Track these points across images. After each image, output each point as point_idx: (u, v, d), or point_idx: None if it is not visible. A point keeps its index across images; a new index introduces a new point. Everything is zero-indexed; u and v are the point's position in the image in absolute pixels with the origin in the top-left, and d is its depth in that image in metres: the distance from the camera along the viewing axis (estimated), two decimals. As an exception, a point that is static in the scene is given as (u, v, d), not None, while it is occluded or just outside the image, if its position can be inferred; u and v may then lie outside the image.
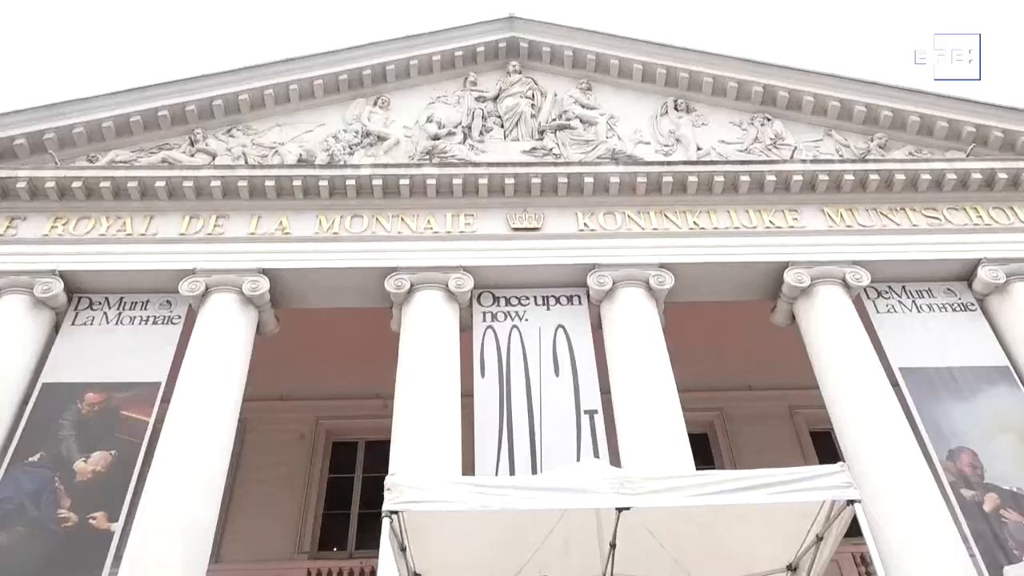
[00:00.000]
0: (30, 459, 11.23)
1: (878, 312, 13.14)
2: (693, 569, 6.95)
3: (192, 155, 14.39)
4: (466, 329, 12.90)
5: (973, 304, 13.28)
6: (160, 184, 13.55)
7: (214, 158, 14.31)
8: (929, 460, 11.16)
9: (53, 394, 11.94)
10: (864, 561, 13.98)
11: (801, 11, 44.61)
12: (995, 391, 12.05)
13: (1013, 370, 12.34)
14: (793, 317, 13.39)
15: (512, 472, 10.81)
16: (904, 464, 10.91)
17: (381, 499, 6.00)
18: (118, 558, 10.30)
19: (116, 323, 12.83)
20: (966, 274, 13.48)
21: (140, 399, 11.85)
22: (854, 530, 6.66)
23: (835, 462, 6.22)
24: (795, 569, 6.80)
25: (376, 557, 10.04)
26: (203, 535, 10.50)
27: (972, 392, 12.03)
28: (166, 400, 11.80)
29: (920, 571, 9.94)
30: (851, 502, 5.81)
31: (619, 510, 5.92)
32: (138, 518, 10.46)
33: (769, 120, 15.30)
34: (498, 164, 13.97)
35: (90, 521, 10.61)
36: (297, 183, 13.64)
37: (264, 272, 12.95)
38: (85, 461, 11.19)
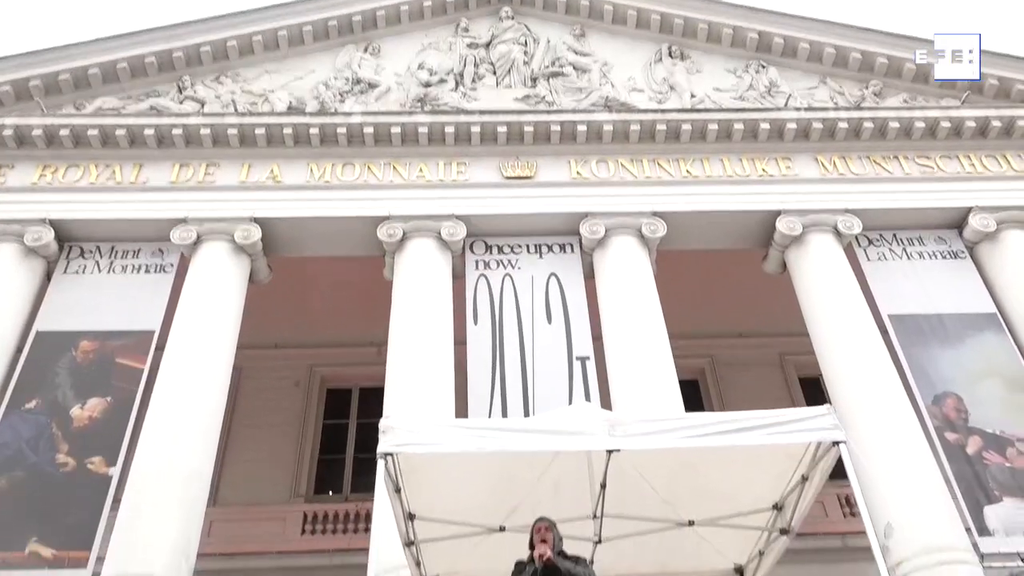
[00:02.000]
0: (26, 406, 11.33)
1: (869, 260, 13.22)
2: (681, 508, 7.11)
3: (180, 102, 14.23)
4: (459, 277, 12.94)
5: (963, 252, 13.37)
6: (149, 132, 13.42)
7: (203, 106, 14.15)
8: (915, 405, 11.37)
9: (47, 342, 11.99)
10: (848, 502, 14.30)
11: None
12: (982, 337, 12.22)
13: (1000, 317, 12.50)
14: (784, 265, 13.47)
15: (505, 417, 10.95)
16: (890, 408, 11.10)
17: (375, 444, 6.09)
18: (117, 501, 10.47)
19: (108, 272, 12.83)
20: (957, 222, 13.55)
21: (134, 347, 11.92)
22: (839, 472, 6.81)
23: (822, 407, 6.34)
24: (781, 508, 6.96)
25: (371, 500, 10.18)
26: (201, 479, 10.67)
27: (959, 338, 12.19)
28: (160, 348, 11.86)
29: (903, 512, 10.19)
30: (836, 443, 5.92)
31: (609, 452, 6.02)
32: (136, 463, 10.61)
33: (764, 67, 15.18)
34: (490, 112, 13.85)
35: (88, 466, 10.76)
36: (288, 131, 13.52)
37: (256, 220, 12.92)
38: (81, 407, 11.30)
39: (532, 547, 5.90)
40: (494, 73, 15.07)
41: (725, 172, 13.72)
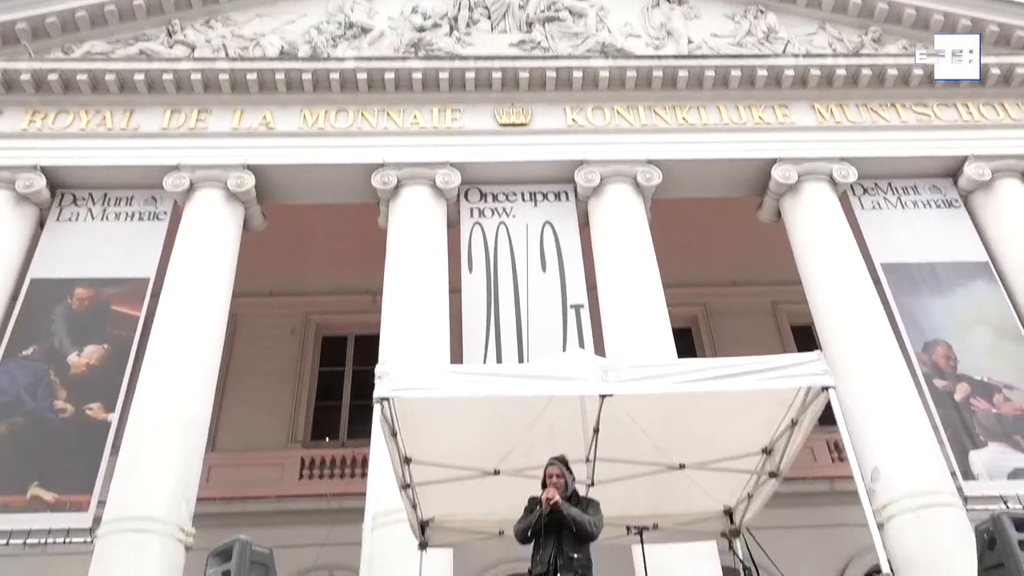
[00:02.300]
0: (23, 353, 11.39)
1: (863, 209, 13.23)
2: (672, 452, 7.22)
3: (170, 47, 14.00)
4: (453, 225, 12.94)
5: (957, 201, 13.38)
6: (139, 77, 13.23)
7: (193, 50, 13.94)
8: (905, 352, 11.50)
9: (42, 290, 12.00)
10: (837, 448, 14.56)
11: None
12: (973, 286, 12.31)
13: (992, 265, 12.58)
14: (779, 214, 13.48)
15: (499, 364, 11.03)
16: (880, 355, 11.23)
17: (371, 392, 6.15)
18: (116, 447, 10.60)
19: (101, 219, 12.78)
20: (952, 171, 13.53)
21: (130, 294, 11.94)
22: (828, 418, 6.92)
23: (814, 355, 6.41)
24: (770, 452, 7.09)
25: (367, 446, 10.31)
26: (198, 425, 10.79)
27: (951, 287, 12.29)
28: (155, 295, 11.88)
29: (890, 456, 10.38)
30: (825, 388, 6.01)
31: (602, 397, 6.10)
32: (134, 409, 10.71)
33: (763, 12, 14.97)
34: (485, 58, 13.67)
35: (87, 412, 10.87)
36: (280, 76, 13.35)
37: (249, 168, 12.83)
38: (78, 354, 11.36)
39: (545, 486, 5.95)
40: (489, 18, 14.83)
41: (721, 120, 13.63)
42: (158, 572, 9.46)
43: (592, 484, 7.29)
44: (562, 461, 6.01)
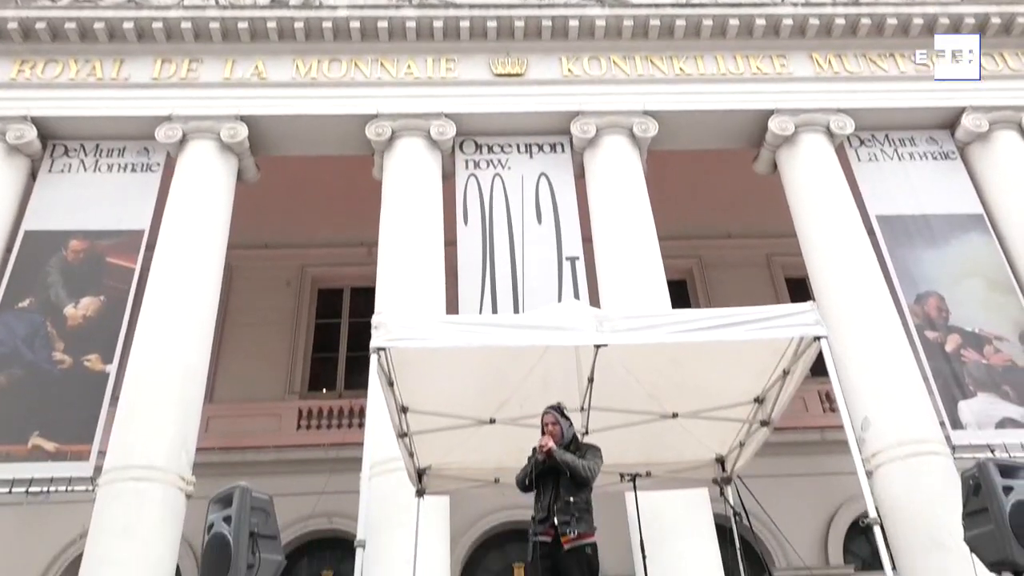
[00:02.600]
0: (19, 305, 11.41)
1: (860, 161, 13.19)
2: (666, 401, 7.34)
3: (160, -6, 13.75)
4: (448, 177, 12.88)
5: (954, 153, 13.34)
6: (128, 26, 13.01)
7: (183, -3, 13.69)
8: (897, 304, 11.58)
9: (36, 242, 11.97)
10: (828, 398, 14.75)
11: None
12: (967, 238, 12.35)
13: (986, 218, 12.60)
14: (775, 165, 13.43)
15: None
16: (872, 307, 11.30)
17: (367, 343, 6.20)
18: (115, 398, 10.69)
19: (94, 170, 12.68)
20: (949, 122, 13.46)
21: (124, 246, 11.92)
22: (820, 370, 7.01)
23: (807, 306, 6.45)
24: (762, 401, 7.20)
25: (363, 397, 10.42)
26: (196, 376, 10.86)
27: (945, 239, 12.33)
28: (150, 247, 11.87)
29: (880, 406, 10.52)
30: (817, 338, 6.08)
31: (597, 347, 6.17)
32: (132, 361, 10.77)
33: (762, -40, 14.70)
34: (480, 5, 13.44)
35: (85, 363, 10.93)
36: (271, 24, 13.14)
37: (242, 119, 12.71)
38: (75, 306, 11.38)
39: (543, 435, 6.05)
40: (484, -36, 14.55)
41: (719, 70, 13.49)
42: (160, 519, 9.62)
43: (586, 433, 7.41)
44: (557, 409, 6.09)
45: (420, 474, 7.90)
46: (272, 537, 5.26)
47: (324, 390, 16.19)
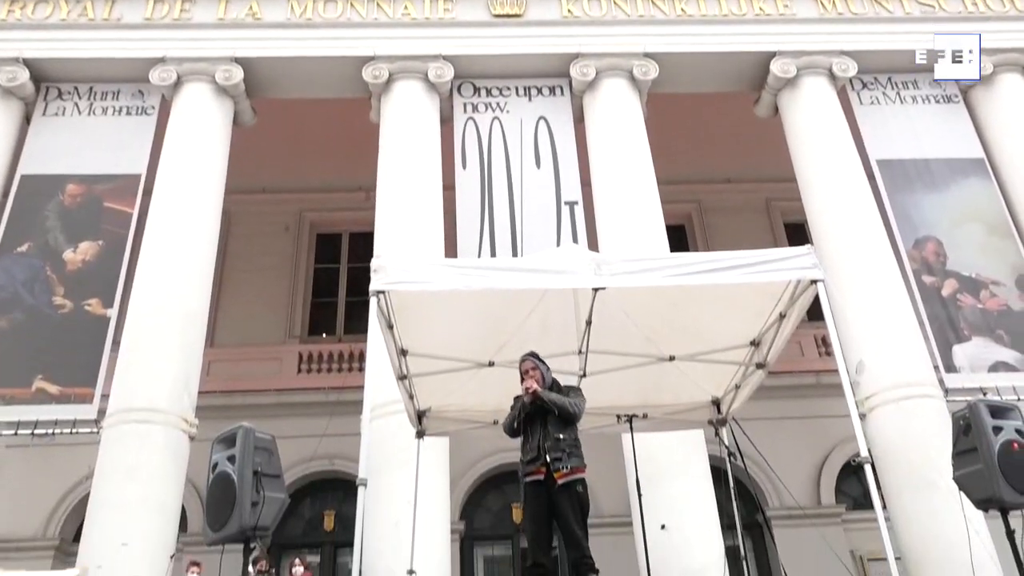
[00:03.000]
0: (18, 249, 11.42)
1: (862, 104, 13.07)
2: (663, 345, 7.39)
3: (150, -69, 13.43)
4: (447, 121, 12.76)
5: (956, 96, 13.21)
6: (119, -37, 12.76)
7: (174, -66, 13.38)
8: (895, 248, 11.60)
9: (33, 186, 11.92)
10: (824, 342, 14.88)
11: None
12: (967, 183, 12.32)
13: (987, 162, 12.54)
14: (776, 109, 13.31)
15: (493, 260, 11.11)
16: (870, 251, 11.32)
17: (366, 288, 6.21)
18: (116, 342, 10.77)
19: (88, 114, 12.56)
20: (953, 65, 13.28)
21: (121, 191, 11.87)
22: (817, 315, 7.05)
23: (804, 251, 6.46)
24: (758, 344, 7.26)
25: (363, 341, 10.49)
26: (197, 320, 10.92)
27: (945, 183, 12.29)
28: (147, 192, 11.82)
29: (875, 350, 10.62)
30: (814, 281, 6.09)
31: (595, 290, 6.20)
32: (132, 304, 10.82)
33: None
34: (478, -57, 13.17)
35: (85, 307, 10.98)
36: (265, -38, 12.88)
37: (237, 61, 12.54)
38: (74, 251, 11.39)
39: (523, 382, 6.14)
40: (482, -100, 14.18)
41: (720, 11, 13.26)
42: (164, 460, 9.78)
43: (584, 375, 7.50)
44: (534, 355, 6.17)
45: (420, 416, 8.00)
46: (276, 476, 5.35)
47: (324, 334, 16.30)
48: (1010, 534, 5.41)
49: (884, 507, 9.53)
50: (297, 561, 10.13)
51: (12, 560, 12.84)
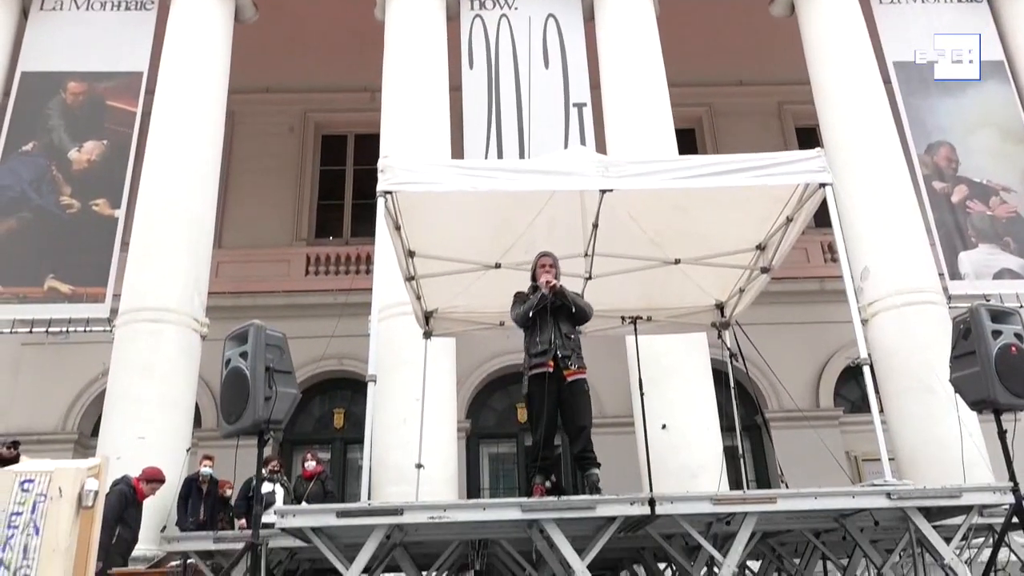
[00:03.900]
0: (23, 148, 11.37)
1: (881, 3, 12.67)
2: (668, 248, 7.42)
3: None
4: (453, 18, 12.42)
5: (964, -6, 12.78)
6: None
7: None
8: (907, 153, 11.45)
9: (33, 83, 11.78)
10: (830, 248, 14.88)
11: None
12: (984, 86, 12.06)
13: (1007, 65, 12.23)
14: (792, 7, 12.90)
15: (500, 162, 11.02)
16: (881, 156, 11.17)
17: (372, 191, 6.20)
18: (125, 243, 10.84)
19: (86, 8, 12.28)
20: (979, -39, 12.82)
21: (124, 89, 11.73)
22: (824, 221, 7.04)
23: (814, 156, 6.39)
24: (763, 248, 7.27)
25: (370, 244, 10.57)
26: (203, 221, 10.95)
27: (961, 87, 12.05)
28: (150, 92, 11.66)
29: (881, 256, 10.63)
30: (823, 185, 6.06)
31: (602, 192, 6.18)
32: (139, 205, 10.83)
33: None
34: None
35: (93, 208, 11.02)
36: None
37: (235, -48, 12.16)
38: (78, 150, 11.34)
39: (534, 279, 6.18)
40: None
41: (738, -98, 12.73)
42: (177, 357, 10.00)
43: (590, 278, 7.56)
44: (550, 254, 6.21)
45: (427, 317, 8.12)
46: (287, 372, 5.47)
47: (331, 237, 16.33)
48: (1002, 434, 5.54)
49: (881, 411, 9.77)
50: (308, 456, 10.45)
51: (33, 452, 13.28)
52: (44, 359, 13.55)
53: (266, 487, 9.28)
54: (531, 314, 5.94)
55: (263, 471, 9.31)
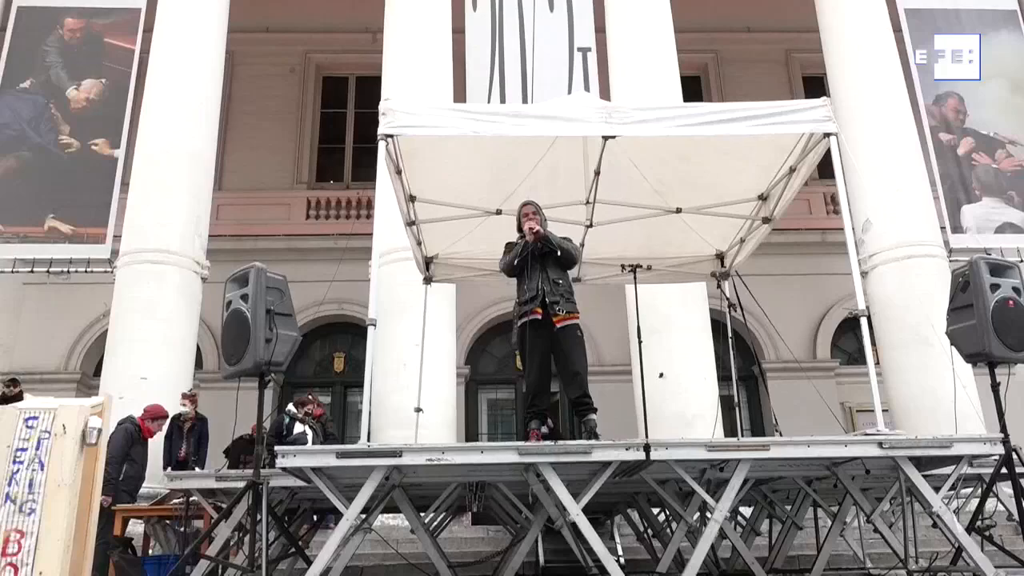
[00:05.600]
0: (21, 85, 11.24)
1: (895, -53, 12.39)
2: (670, 197, 7.37)
3: None
4: (457, -42, 12.16)
5: (997, -60, 12.50)
6: None
7: None
8: (915, 104, 11.32)
9: (30, 19, 11.60)
10: (833, 200, 14.80)
11: None
12: (996, 36, 11.87)
13: (1020, 14, 12.01)
14: (803, -48, 12.62)
15: (503, 107, 10.90)
16: (888, 107, 11.04)
17: (373, 135, 6.13)
18: (124, 184, 10.79)
19: (83, -58, 12.01)
20: (997, -95, 12.48)
21: (122, 26, 11.56)
22: (827, 173, 6.99)
23: (821, 106, 6.31)
24: (765, 198, 7.23)
25: (371, 189, 10.52)
26: (203, 162, 10.87)
27: (973, 36, 11.83)
28: (148, 30, 11.47)
29: (883, 208, 10.59)
30: (827, 135, 5.99)
31: (605, 138, 6.12)
32: (139, 146, 10.74)
33: None
34: None
35: (92, 147, 10.95)
36: None
37: None
38: (77, 89, 11.22)
39: (520, 229, 6.20)
40: None
41: None
42: (178, 298, 10.05)
43: (591, 225, 7.55)
44: (533, 202, 6.21)
45: (427, 262, 8.11)
46: (287, 315, 5.49)
47: (332, 181, 16.25)
48: (995, 387, 5.59)
49: (877, 363, 9.85)
50: (309, 398, 10.55)
51: (36, 391, 13.41)
52: (46, 299, 13.62)
53: (297, 428, 9.41)
54: (515, 262, 5.96)
55: (298, 410, 9.43)
